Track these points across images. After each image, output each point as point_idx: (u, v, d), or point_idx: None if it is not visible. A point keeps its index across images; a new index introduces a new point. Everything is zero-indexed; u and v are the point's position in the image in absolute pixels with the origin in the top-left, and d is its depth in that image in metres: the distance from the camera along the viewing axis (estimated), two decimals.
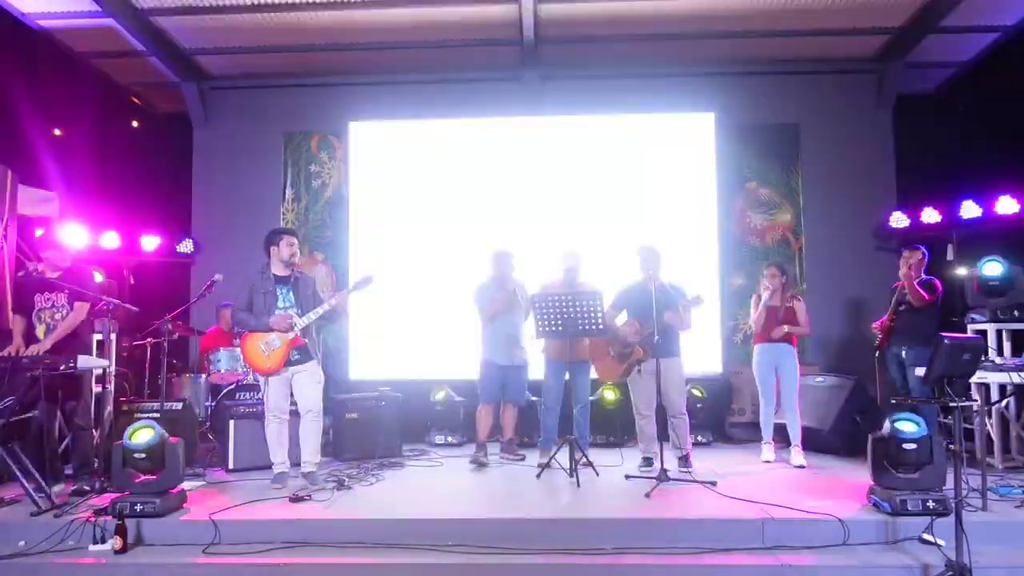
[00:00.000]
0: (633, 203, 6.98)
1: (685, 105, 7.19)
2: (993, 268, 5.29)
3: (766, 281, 5.53)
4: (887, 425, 4.01)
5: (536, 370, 5.70)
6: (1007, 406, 5.18)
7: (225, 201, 7.60)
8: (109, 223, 7.09)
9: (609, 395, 6.33)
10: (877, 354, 5.62)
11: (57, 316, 4.79)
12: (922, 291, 5.24)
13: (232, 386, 5.74)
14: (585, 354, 5.33)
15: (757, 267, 7.18)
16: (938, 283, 5.37)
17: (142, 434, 4.07)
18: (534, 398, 6.05)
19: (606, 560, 3.58)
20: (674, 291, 5.07)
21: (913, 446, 3.94)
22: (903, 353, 5.37)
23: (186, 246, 7.51)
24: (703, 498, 4.32)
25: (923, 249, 5.40)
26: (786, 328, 5.37)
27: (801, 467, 5.20)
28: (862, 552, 3.61)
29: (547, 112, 7.33)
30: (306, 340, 4.77)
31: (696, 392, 6.26)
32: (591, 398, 6.17)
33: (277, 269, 4.83)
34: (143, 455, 4.04)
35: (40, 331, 4.78)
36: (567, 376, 5.42)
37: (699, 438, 6.14)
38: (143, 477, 4.05)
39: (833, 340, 7.11)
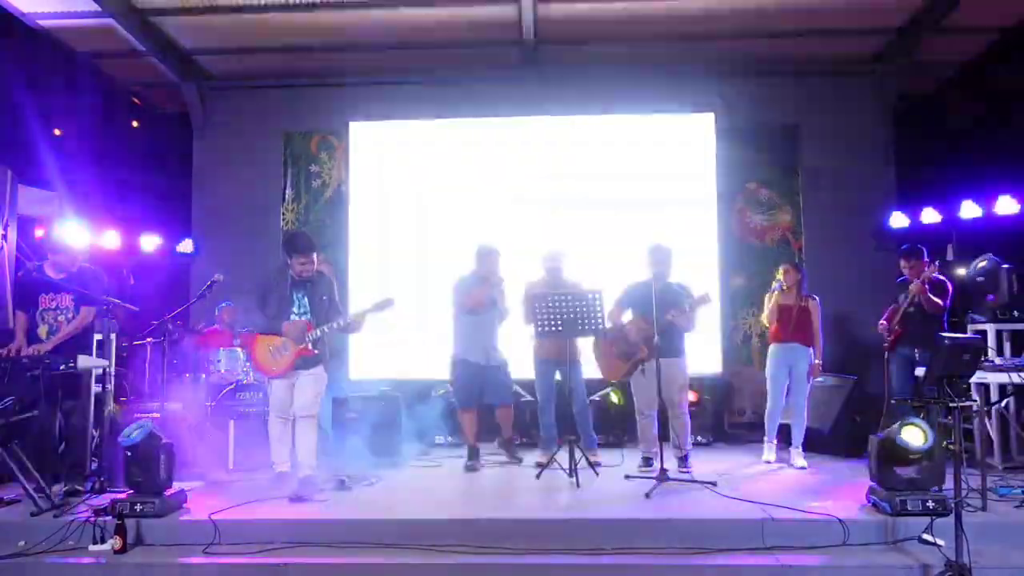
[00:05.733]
0: (633, 203, 6.97)
1: (685, 105, 7.18)
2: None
3: (781, 278, 5.43)
4: (895, 430, 4.00)
5: (526, 369, 5.69)
6: (1007, 406, 5.17)
7: (225, 201, 7.59)
8: (109, 223, 7.09)
9: (614, 398, 6.30)
10: (886, 355, 5.60)
11: (61, 318, 4.79)
12: (937, 299, 5.22)
13: (232, 386, 5.73)
14: (575, 354, 5.27)
15: (757, 267, 7.19)
16: (949, 285, 5.34)
17: (128, 436, 4.07)
18: (530, 397, 6.04)
19: (606, 560, 3.59)
20: (681, 290, 5.08)
21: (919, 455, 3.96)
22: (917, 355, 5.30)
23: (186, 246, 7.51)
24: (703, 498, 4.32)
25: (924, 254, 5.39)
26: (819, 364, 5.41)
27: (802, 468, 5.21)
28: (862, 552, 3.62)
29: (547, 112, 7.31)
30: (316, 351, 4.67)
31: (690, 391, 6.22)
32: (594, 398, 6.20)
33: (295, 273, 4.69)
34: (135, 456, 4.05)
35: (42, 331, 4.78)
36: (558, 376, 5.43)
37: (699, 438, 6.13)
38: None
39: (833, 340, 7.09)
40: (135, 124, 8.19)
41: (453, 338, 5.54)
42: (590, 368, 5.47)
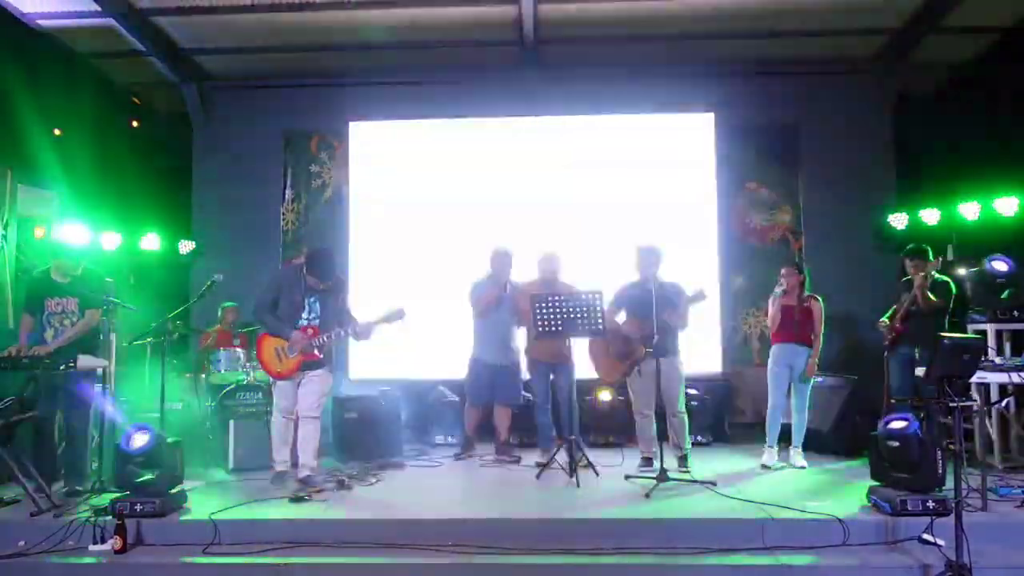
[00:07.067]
0: (633, 203, 6.98)
1: (685, 105, 7.19)
2: (999, 265, 5.27)
3: (781, 279, 5.42)
4: (880, 424, 4.08)
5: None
6: (1007, 406, 5.17)
7: (225, 201, 7.59)
8: (109, 223, 7.08)
9: (604, 396, 6.30)
10: (886, 355, 5.59)
11: (67, 322, 4.79)
12: (933, 297, 5.21)
13: (232, 386, 5.73)
14: (568, 355, 5.26)
15: (757, 267, 7.19)
16: (952, 285, 5.32)
17: (137, 439, 4.07)
18: (528, 397, 6.04)
19: (606, 560, 3.58)
20: (672, 290, 5.07)
21: (896, 443, 3.99)
22: (917, 354, 5.29)
23: (186, 246, 7.51)
24: (703, 498, 4.33)
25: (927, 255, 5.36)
26: (815, 363, 5.35)
27: (802, 468, 5.20)
28: (862, 552, 3.62)
29: (547, 112, 7.31)
30: (321, 356, 4.69)
31: (691, 390, 6.20)
32: (587, 398, 6.22)
33: (311, 280, 4.68)
34: (141, 459, 4.06)
35: (49, 335, 4.78)
36: (551, 376, 5.48)
37: (699, 438, 6.12)
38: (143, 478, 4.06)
39: (833, 340, 7.08)
40: (135, 124, 8.17)
41: (472, 339, 5.62)
42: (583, 370, 5.46)
